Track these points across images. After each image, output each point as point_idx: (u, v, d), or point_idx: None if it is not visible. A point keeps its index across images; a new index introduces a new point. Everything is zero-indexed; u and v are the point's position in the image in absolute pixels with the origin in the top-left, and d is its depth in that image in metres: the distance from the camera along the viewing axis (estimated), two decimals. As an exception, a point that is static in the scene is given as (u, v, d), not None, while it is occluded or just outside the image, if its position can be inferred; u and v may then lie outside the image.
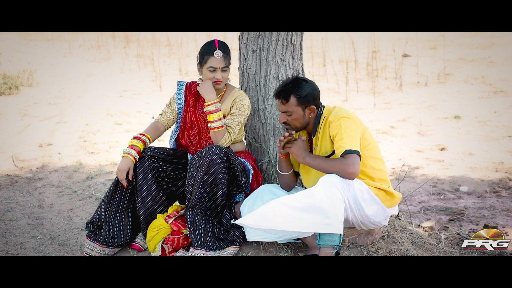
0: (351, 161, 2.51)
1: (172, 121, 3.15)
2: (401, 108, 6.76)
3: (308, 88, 2.69)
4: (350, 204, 2.59)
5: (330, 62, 8.83)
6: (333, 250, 2.52)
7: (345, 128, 2.58)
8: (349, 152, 2.53)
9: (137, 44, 10.81)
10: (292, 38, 3.18)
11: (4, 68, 8.44)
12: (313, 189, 2.52)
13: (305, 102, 2.68)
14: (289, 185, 2.93)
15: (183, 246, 2.88)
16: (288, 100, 2.68)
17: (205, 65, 2.96)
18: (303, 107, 2.69)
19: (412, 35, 10.08)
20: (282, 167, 2.89)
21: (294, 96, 2.67)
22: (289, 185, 2.93)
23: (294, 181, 2.95)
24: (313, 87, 2.72)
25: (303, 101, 2.68)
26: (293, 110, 2.69)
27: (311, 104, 2.70)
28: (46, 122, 6.13)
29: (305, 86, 2.69)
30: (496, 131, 5.67)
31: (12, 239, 3.17)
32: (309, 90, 2.69)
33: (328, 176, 2.54)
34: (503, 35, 10.92)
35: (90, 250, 2.91)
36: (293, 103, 2.68)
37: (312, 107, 2.71)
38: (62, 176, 4.34)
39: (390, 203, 2.74)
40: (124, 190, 2.98)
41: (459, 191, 4.14)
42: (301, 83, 2.69)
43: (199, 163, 2.82)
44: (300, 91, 2.66)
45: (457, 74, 8.27)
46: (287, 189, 2.94)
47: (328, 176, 2.54)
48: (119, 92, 7.83)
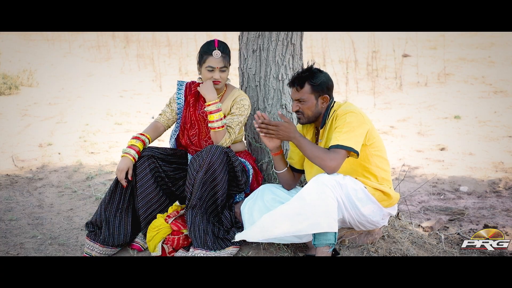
0: (334, 156, 2.53)
1: (171, 121, 3.15)
2: (401, 108, 6.76)
3: (323, 77, 2.73)
4: (345, 203, 2.58)
5: (330, 62, 8.83)
6: (329, 248, 2.51)
7: (348, 122, 2.59)
8: (340, 147, 2.54)
9: (137, 44, 10.81)
10: (292, 38, 3.18)
11: (4, 68, 8.45)
12: (303, 190, 2.52)
13: (319, 90, 2.71)
14: (288, 183, 2.93)
15: (183, 246, 2.88)
16: (303, 87, 2.71)
17: (203, 65, 2.96)
18: (316, 95, 2.72)
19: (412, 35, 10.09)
20: (276, 165, 2.90)
21: (309, 83, 2.70)
22: (288, 183, 2.93)
23: (292, 178, 2.94)
24: (328, 77, 2.77)
25: (317, 89, 2.71)
26: (307, 97, 2.71)
27: (325, 93, 2.73)
28: (46, 122, 6.13)
29: (320, 75, 2.73)
30: (496, 131, 5.67)
31: (12, 239, 3.17)
32: (324, 79, 2.73)
33: (318, 176, 2.54)
34: (503, 35, 10.92)
35: (90, 250, 2.91)
36: (307, 91, 2.71)
37: (325, 96, 2.73)
38: (62, 176, 4.34)
39: (387, 203, 2.74)
40: (124, 190, 2.98)
41: (459, 191, 4.14)
42: (316, 72, 2.73)
43: (200, 163, 2.82)
44: (315, 79, 2.70)
45: (457, 74, 8.27)
46: (287, 187, 2.94)
47: (319, 175, 2.55)
48: (119, 92, 7.84)
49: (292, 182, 2.95)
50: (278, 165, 2.89)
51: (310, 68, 2.75)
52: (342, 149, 2.54)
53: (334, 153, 2.54)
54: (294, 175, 2.96)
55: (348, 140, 2.55)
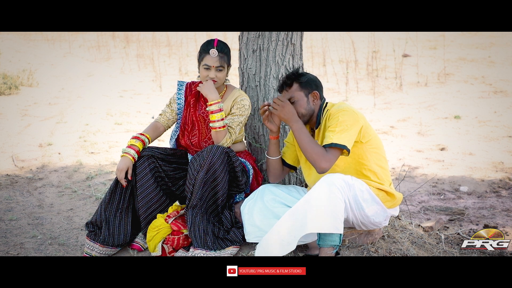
0: (329, 158, 2.55)
1: (171, 121, 3.15)
2: (401, 108, 6.76)
3: (310, 75, 2.77)
4: (351, 204, 2.59)
5: (330, 62, 8.83)
6: (333, 250, 2.52)
7: (341, 121, 2.60)
8: (334, 146, 2.55)
9: (137, 44, 10.81)
10: (292, 38, 3.18)
11: (4, 68, 8.45)
12: (312, 190, 2.53)
13: (308, 87, 2.73)
14: (275, 173, 2.93)
15: (183, 246, 2.88)
16: (291, 86, 2.73)
17: (201, 62, 2.97)
18: (306, 93, 2.73)
19: (412, 35, 10.08)
20: (270, 150, 2.89)
21: (296, 82, 2.73)
22: (275, 173, 2.93)
23: (280, 170, 2.94)
24: (315, 77, 2.81)
25: (305, 85, 2.73)
26: (297, 96, 2.72)
27: (314, 90, 2.74)
28: (46, 122, 6.13)
29: (307, 74, 2.78)
30: (496, 131, 5.67)
31: (12, 239, 3.17)
32: (311, 76, 2.77)
33: (328, 176, 2.55)
34: (503, 35, 10.92)
35: (90, 250, 2.91)
36: (296, 89, 2.73)
37: (315, 93, 2.74)
38: (62, 176, 4.34)
39: (390, 204, 2.75)
40: (124, 190, 2.98)
41: (459, 191, 4.15)
42: (302, 72, 2.79)
43: (200, 163, 2.82)
44: (302, 78, 2.74)
45: (457, 74, 8.27)
46: (273, 178, 2.94)
47: (329, 175, 2.55)
48: (119, 92, 7.83)
49: (278, 173, 2.94)
50: (272, 151, 2.89)
51: (296, 70, 2.79)
52: (336, 148, 2.56)
53: (330, 154, 2.55)
54: (283, 168, 2.96)
55: (341, 138, 2.56)
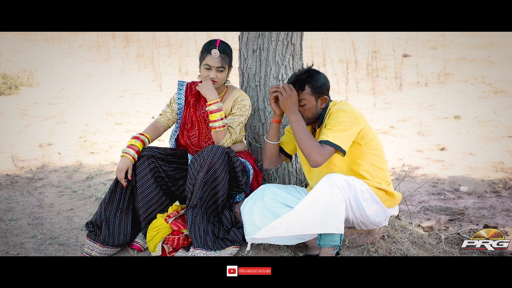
0: (323, 152, 2.55)
1: (172, 121, 3.15)
2: (401, 108, 6.76)
3: (322, 79, 2.73)
4: (351, 204, 2.60)
5: (330, 62, 8.83)
6: (333, 250, 2.52)
7: (340, 122, 2.60)
8: (329, 144, 2.55)
9: (137, 44, 10.81)
10: (292, 38, 3.18)
11: (4, 68, 8.45)
12: (314, 190, 2.53)
13: (319, 92, 2.72)
14: (271, 158, 2.91)
15: (183, 246, 2.88)
16: (304, 89, 2.71)
17: (202, 62, 2.97)
18: (316, 97, 2.72)
19: (412, 35, 10.08)
20: (270, 133, 2.87)
21: (309, 86, 2.70)
22: (271, 158, 2.91)
23: (277, 156, 2.92)
24: (326, 79, 2.77)
25: (317, 91, 2.71)
26: (308, 99, 2.71)
27: (324, 95, 2.73)
28: (46, 122, 6.13)
29: (319, 77, 2.73)
30: (496, 131, 5.67)
31: (12, 239, 3.17)
32: (323, 81, 2.73)
33: (329, 176, 2.55)
34: (503, 35, 10.92)
35: (90, 250, 2.91)
36: (308, 93, 2.70)
37: (325, 97, 2.74)
38: (62, 176, 4.34)
39: (390, 203, 2.75)
40: (124, 190, 2.97)
41: (459, 191, 4.15)
42: (315, 74, 2.73)
43: (201, 163, 2.82)
44: (315, 82, 2.70)
45: (457, 74, 8.27)
46: (268, 162, 2.93)
47: (330, 175, 2.55)
48: (119, 92, 7.83)
49: (275, 159, 2.92)
50: (271, 135, 2.87)
51: (309, 69, 2.74)
52: (330, 146, 2.56)
53: (324, 149, 2.56)
54: (280, 155, 2.95)
55: (337, 138, 2.57)
